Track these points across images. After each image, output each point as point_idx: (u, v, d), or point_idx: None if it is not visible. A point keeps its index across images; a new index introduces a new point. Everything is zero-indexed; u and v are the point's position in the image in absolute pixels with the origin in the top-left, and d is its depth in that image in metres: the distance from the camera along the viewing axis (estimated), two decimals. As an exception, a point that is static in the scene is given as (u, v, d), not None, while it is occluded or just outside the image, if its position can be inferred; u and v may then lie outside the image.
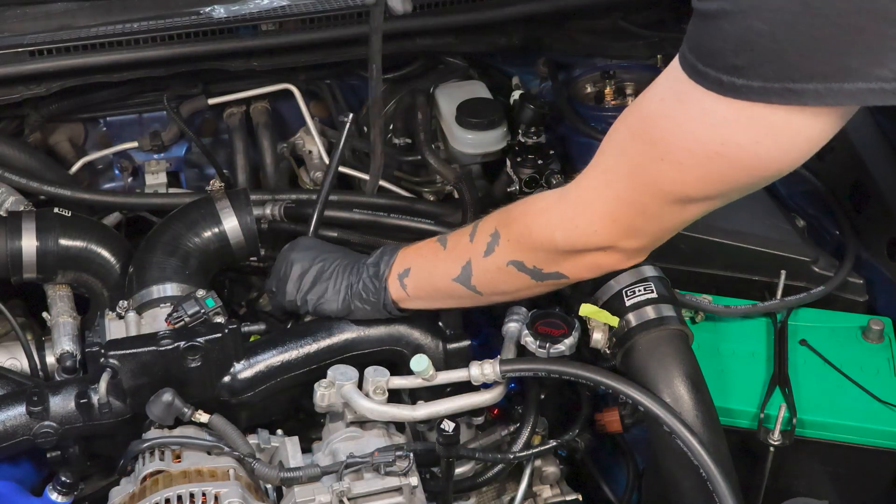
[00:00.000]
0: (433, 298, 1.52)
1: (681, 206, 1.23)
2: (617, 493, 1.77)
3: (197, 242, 1.75)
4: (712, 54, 1.07)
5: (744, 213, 1.86)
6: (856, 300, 1.78)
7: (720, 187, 1.19)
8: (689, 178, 1.18)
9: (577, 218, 1.29)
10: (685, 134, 1.14)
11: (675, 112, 1.14)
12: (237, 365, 1.55)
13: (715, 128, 1.11)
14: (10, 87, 1.95)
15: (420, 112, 2.13)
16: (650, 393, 1.40)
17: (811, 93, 1.03)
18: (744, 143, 1.10)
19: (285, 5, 2.02)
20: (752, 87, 1.05)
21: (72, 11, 2.03)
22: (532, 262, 1.37)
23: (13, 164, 1.96)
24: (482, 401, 1.50)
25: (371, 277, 1.52)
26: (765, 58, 1.04)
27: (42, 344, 1.74)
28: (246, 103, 2.19)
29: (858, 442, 1.53)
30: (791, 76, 1.03)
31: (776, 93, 1.05)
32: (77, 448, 1.56)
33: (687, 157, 1.15)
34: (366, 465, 1.40)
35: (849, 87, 1.02)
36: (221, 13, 1.99)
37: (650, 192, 1.22)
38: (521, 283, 1.41)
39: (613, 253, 1.32)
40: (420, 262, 1.50)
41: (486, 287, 1.44)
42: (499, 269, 1.40)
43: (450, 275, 1.45)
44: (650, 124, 1.18)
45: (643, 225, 1.27)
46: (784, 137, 1.09)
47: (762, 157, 1.12)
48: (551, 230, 1.32)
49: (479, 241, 1.41)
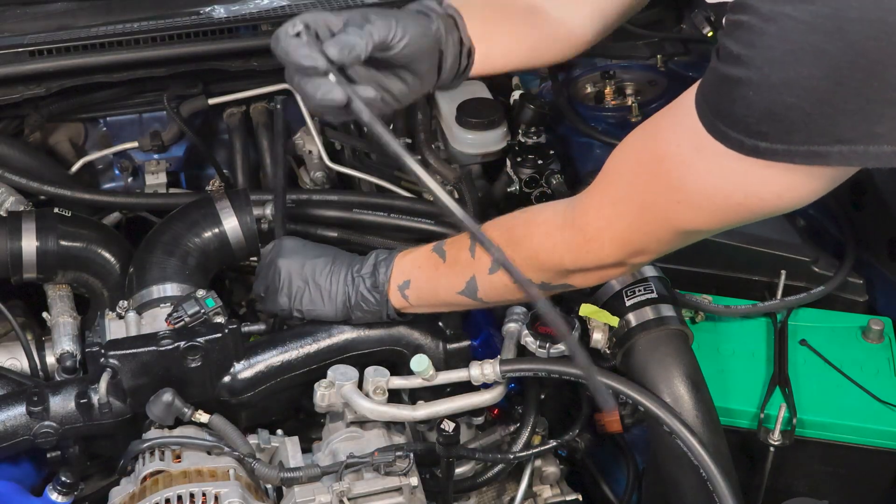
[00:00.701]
0: (436, 307, 1.52)
1: (691, 235, 1.24)
2: (617, 493, 1.77)
3: (197, 242, 1.75)
4: (735, 119, 1.06)
5: (744, 213, 1.86)
6: (856, 300, 1.78)
7: (733, 224, 1.20)
8: (704, 219, 1.18)
9: (588, 244, 1.28)
10: (705, 185, 1.13)
11: (693, 162, 1.13)
12: (237, 365, 1.55)
13: (736, 183, 1.11)
14: (10, 87, 1.95)
15: (420, 112, 2.13)
16: (650, 393, 1.40)
17: (835, 155, 1.03)
18: (765, 196, 1.11)
19: (285, 5, 2.02)
20: (776, 150, 1.05)
21: (72, 11, 2.03)
22: (540, 279, 1.35)
23: (13, 164, 1.96)
24: (482, 401, 1.50)
25: (370, 290, 1.50)
26: (792, 127, 1.03)
27: (42, 344, 1.74)
28: (246, 103, 2.19)
29: (858, 442, 1.53)
30: (817, 141, 1.03)
31: (801, 155, 1.04)
32: (77, 448, 1.56)
33: (705, 203, 1.15)
34: (366, 465, 1.40)
35: (874, 149, 1.02)
36: (221, 13, 1.99)
37: (662, 226, 1.22)
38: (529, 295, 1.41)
39: (621, 267, 1.32)
40: (420, 274, 1.48)
41: (492, 298, 1.44)
42: (506, 286, 1.39)
43: (454, 288, 1.44)
44: (667, 168, 1.16)
45: (653, 248, 1.27)
46: (805, 190, 1.10)
47: (781, 206, 1.13)
48: (560, 255, 1.31)
49: (483, 259, 1.40)
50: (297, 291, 1.55)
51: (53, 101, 2.07)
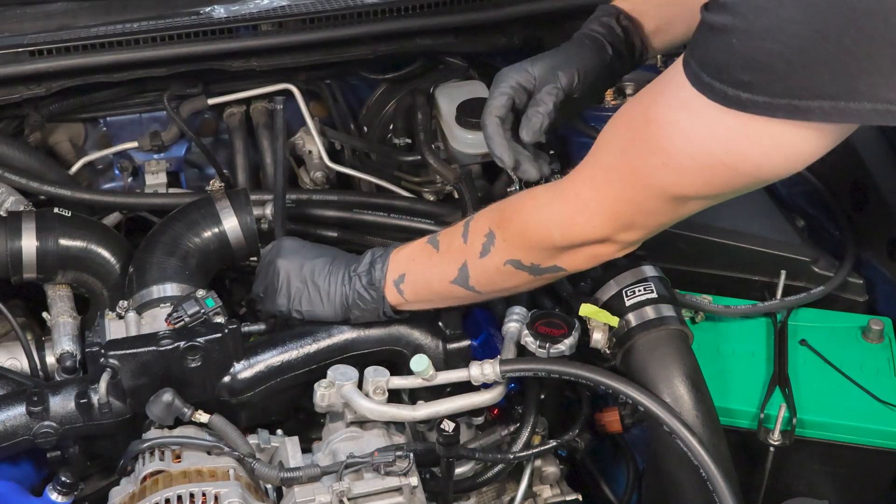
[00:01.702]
0: (432, 301, 1.52)
1: (679, 204, 1.24)
2: (617, 493, 1.77)
3: (197, 242, 1.75)
4: (719, 68, 1.07)
5: (744, 213, 1.87)
6: (856, 300, 1.78)
7: (720, 190, 1.20)
8: (690, 182, 1.18)
9: (576, 215, 1.29)
10: (690, 143, 1.14)
11: (679, 120, 1.14)
12: (237, 365, 1.55)
13: (720, 139, 1.11)
14: (10, 87, 1.95)
15: (420, 112, 2.13)
16: (650, 393, 1.40)
17: (816, 110, 1.04)
18: (749, 154, 1.11)
19: (285, 5, 2.02)
20: (758, 101, 1.06)
21: (72, 11, 2.03)
22: (530, 260, 1.37)
23: (13, 164, 1.96)
24: (482, 401, 1.50)
25: (366, 287, 1.50)
26: (773, 77, 1.04)
27: (42, 344, 1.74)
28: (246, 103, 2.19)
29: (858, 442, 1.53)
30: (798, 94, 1.04)
31: (781, 108, 1.05)
32: (77, 448, 1.56)
33: (690, 163, 1.15)
34: (366, 465, 1.40)
35: (855, 106, 1.03)
36: (221, 13, 1.99)
37: (651, 193, 1.22)
38: (520, 280, 1.41)
39: (610, 244, 1.32)
40: (414, 267, 1.48)
41: (484, 286, 1.44)
42: (497, 270, 1.40)
43: (447, 278, 1.44)
44: (654, 130, 1.18)
45: (641, 220, 1.28)
46: (789, 150, 1.10)
47: (765, 167, 1.13)
48: (549, 228, 1.32)
49: (474, 242, 1.41)
50: (296, 292, 1.55)
51: (53, 101, 2.07)
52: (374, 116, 2.24)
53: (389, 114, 2.20)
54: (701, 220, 1.79)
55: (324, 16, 2.02)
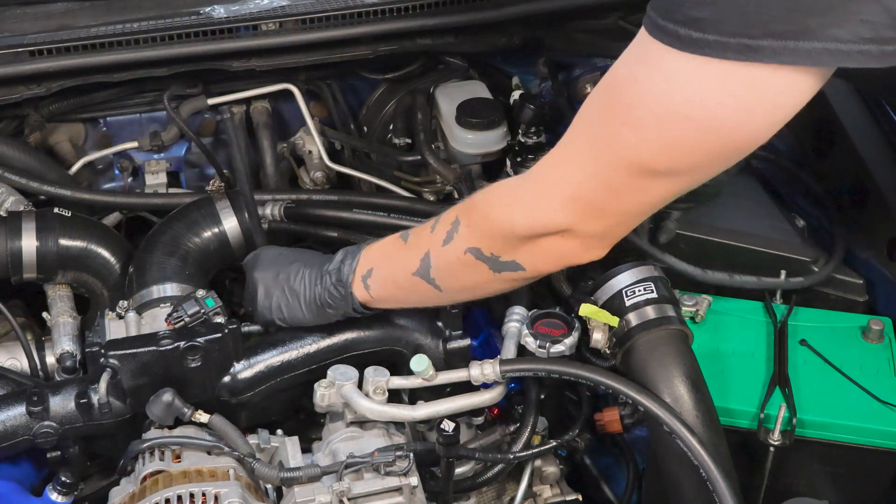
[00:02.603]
0: (396, 296, 1.49)
1: (644, 181, 1.18)
2: (617, 493, 1.77)
3: (197, 242, 1.75)
4: (672, 6, 1.06)
5: (744, 213, 1.87)
6: (856, 300, 1.78)
7: (685, 158, 1.15)
8: (652, 144, 1.14)
9: (539, 198, 1.25)
10: (647, 95, 1.11)
11: (637, 73, 1.12)
12: (237, 365, 1.55)
13: (677, 86, 1.09)
14: (10, 87, 1.95)
15: (420, 112, 2.13)
16: (650, 393, 1.40)
17: (766, 50, 1.02)
18: (706, 102, 1.08)
19: (285, 5, 2.02)
20: (709, 40, 1.04)
21: (72, 11, 2.03)
22: (490, 249, 1.32)
23: (13, 164, 1.96)
24: (482, 401, 1.50)
25: (335, 284, 1.49)
26: (725, 12, 1.03)
27: (42, 344, 1.74)
28: (246, 103, 2.19)
29: (858, 442, 1.53)
30: (748, 32, 1.02)
31: (732, 48, 1.03)
32: (77, 448, 1.56)
33: (650, 119, 1.12)
34: (366, 465, 1.40)
35: (804, 45, 1.02)
36: (221, 13, 1.99)
37: (613, 163, 1.18)
38: (479, 275, 1.36)
39: (572, 238, 1.27)
40: (382, 261, 1.47)
41: (444, 280, 1.40)
42: (457, 259, 1.36)
43: (409, 269, 1.41)
44: (614, 89, 1.16)
45: (605, 202, 1.22)
46: (747, 98, 1.07)
47: (726, 121, 1.09)
48: (511, 212, 1.28)
49: (440, 231, 1.38)
50: (275, 301, 1.55)
51: (53, 101, 2.07)
52: (374, 116, 2.24)
53: (389, 114, 2.20)
54: (701, 220, 1.80)
55: (324, 16, 2.02)
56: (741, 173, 1.99)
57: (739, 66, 1.05)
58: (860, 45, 1.02)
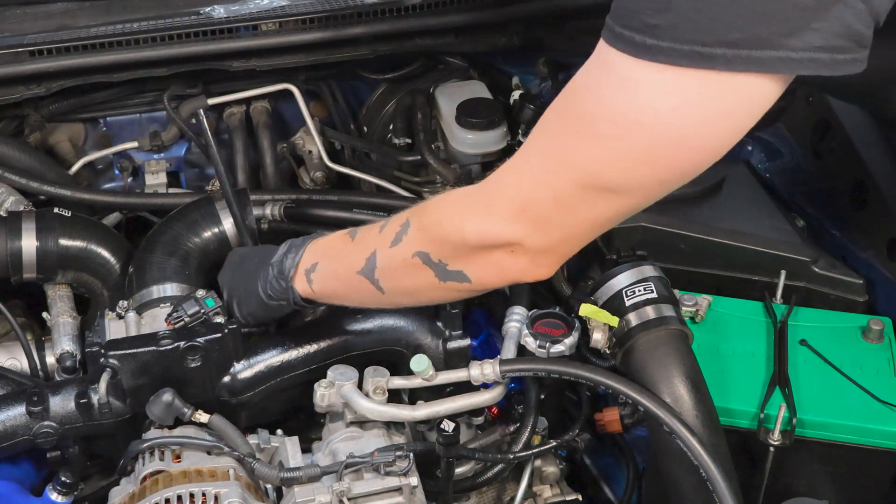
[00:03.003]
0: (337, 293, 1.46)
1: (595, 196, 1.17)
2: (617, 493, 1.77)
3: (197, 242, 1.75)
4: (629, 14, 1.07)
5: (744, 213, 1.87)
6: (856, 300, 1.78)
7: (638, 169, 1.13)
8: (608, 154, 1.12)
9: (491, 206, 1.24)
10: (602, 102, 1.11)
11: (595, 81, 1.12)
12: (237, 365, 1.55)
13: (631, 93, 1.08)
14: (10, 87, 1.95)
15: (420, 112, 2.13)
16: (650, 393, 1.40)
17: (719, 57, 1.03)
18: (661, 109, 1.08)
19: (285, 5, 2.02)
20: (662, 47, 1.04)
21: (72, 11, 2.03)
22: (438, 255, 1.30)
23: (13, 164, 1.96)
24: (482, 401, 1.50)
25: (276, 277, 1.47)
26: (679, 18, 1.03)
27: (42, 344, 1.74)
28: (246, 103, 2.19)
29: (858, 442, 1.53)
30: (702, 40, 1.03)
31: (685, 55, 1.04)
32: (77, 448, 1.56)
33: (607, 127, 1.11)
34: (366, 465, 1.40)
35: (757, 53, 1.02)
36: (221, 13, 1.99)
37: (565, 175, 1.16)
38: (424, 281, 1.34)
39: (519, 254, 1.24)
40: (327, 256, 1.45)
41: (388, 282, 1.38)
42: (404, 261, 1.34)
43: (354, 267, 1.39)
44: (571, 99, 1.16)
45: (555, 216, 1.20)
46: (701, 106, 1.07)
47: (681, 130, 1.09)
48: (462, 219, 1.26)
49: (389, 231, 1.36)
50: (239, 300, 1.55)
51: (53, 101, 2.07)
52: (374, 116, 2.24)
53: (389, 114, 2.20)
54: (701, 220, 1.80)
55: (324, 16, 2.02)
56: (741, 173, 1.99)
57: (693, 73, 1.05)
58: (811, 54, 1.03)
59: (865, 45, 1.05)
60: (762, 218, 1.87)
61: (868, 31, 1.05)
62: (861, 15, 1.03)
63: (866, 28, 1.04)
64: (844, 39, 1.03)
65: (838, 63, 1.04)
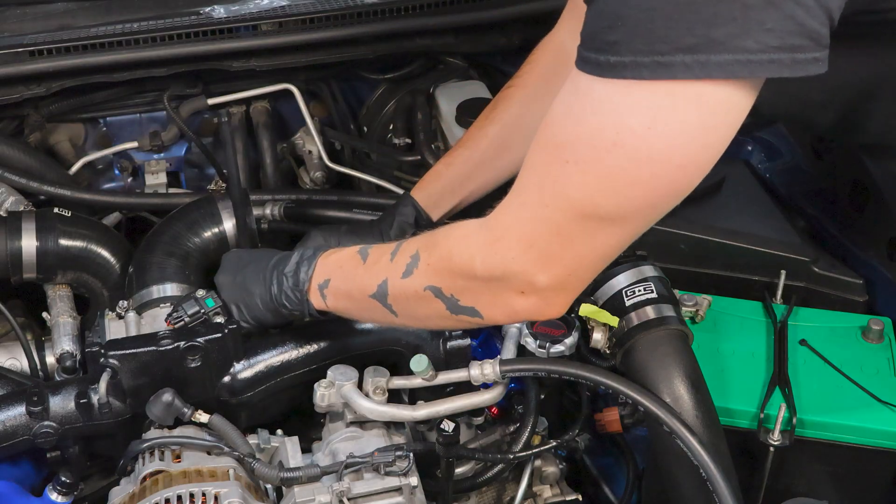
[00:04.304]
0: (351, 311, 1.48)
1: (592, 225, 1.17)
2: (617, 493, 1.77)
3: (197, 242, 1.75)
4: (591, 36, 1.08)
5: (744, 213, 1.87)
6: (856, 300, 1.78)
7: (626, 192, 1.13)
8: (593, 179, 1.13)
9: (496, 243, 1.24)
10: (581, 127, 1.11)
11: (571, 108, 1.13)
12: (237, 365, 1.55)
13: (607, 115, 1.09)
14: (10, 87, 1.96)
15: (420, 112, 2.13)
16: (650, 393, 1.40)
17: (679, 65, 1.03)
18: (636, 127, 1.07)
19: (285, 5, 2.03)
20: (625, 62, 1.05)
21: (72, 11, 2.03)
22: (450, 290, 1.31)
23: (13, 164, 1.96)
24: (482, 401, 1.50)
25: (291, 288, 1.48)
26: (634, 30, 1.04)
27: (42, 344, 1.74)
28: (246, 103, 2.20)
29: (858, 442, 1.53)
30: (659, 49, 1.03)
31: (646, 67, 1.04)
32: (77, 448, 1.56)
33: (587, 151, 1.11)
34: (366, 465, 1.40)
35: (716, 58, 1.02)
36: (221, 13, 2.00)
37: (559, 206, 1.17)
38: (436, 312, 1.34)
39: (530, 294, 1.24)
40: (340, 274, 1.45)
41: (400, 308, 1.39)
42: (416, 293, 1.35)
43: (366, 290, 1.40)
44: (552, 129, 1.16)
45: (557, 249, 1.20)
46: (676, 121, 1.07)
47: (659, 147, 1.08)
48: (471, 255, 1.27)
49: (399, 261, 1.36)
50: (242, 303, 1.55)
51: (53, 101, 2.07)
52: (374, 116, 2.24)
53: (389, 114, 2.21)
54: (701, 220, 1.80)
55: (324, 16, 2.02)
56: (741, 173, 1.99)
57: (660, 85, 1.05)
58: (770, 55, 1.02)
59: (824, 45, 1.05)
60: (762, 218, 1.87)
61: (824, 28, 1.04)
62: (812, 11, 1.03)
63: (821, 25, 1.04)
64: (801, 38, 1.03)
65: (798, 63, 1.04)
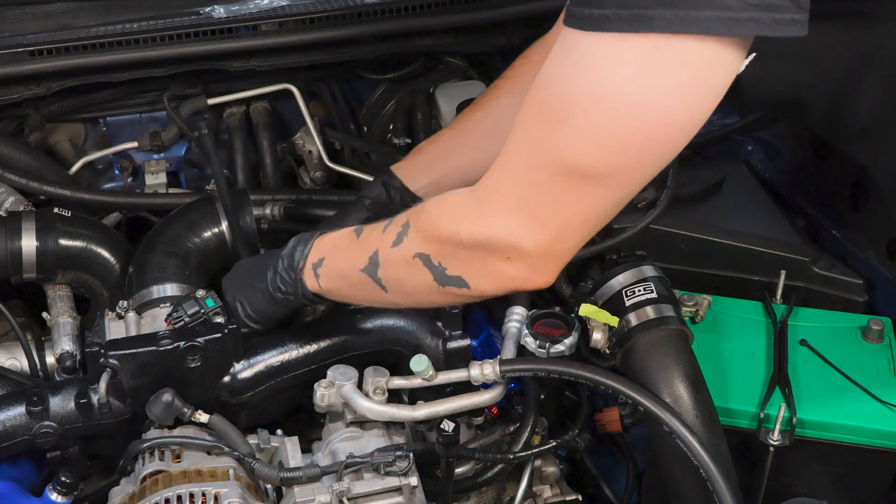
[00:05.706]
0: (343, 290, 1.48)
1: (580, 184, 1.17)
2: (617, 493, 1.77)
3: (197, 242, 1.75)
4: None
5: (744, 213, 1.87)
6: (856, 300, 1.78)
7: (613, 147, 1.13)
8: (576, 134, 1.13)
9: (482, 207, 1.25)
10: (565, 83, 1.12)
11: (558, 66, 1.13)
12: (237, 365, 1.55)
13: (590, 69, 1.09)
14: (10, 87, 1.95)
15: (420, 112, 2.13)
16: (650, 393, 1.40)
17: (659, 19, 1.03)
18: (618, 81, 1.08)
19: (285, 5, 2.02)
20: (607, 15, 1.05)
21: (72, 11, 2.03)
22: (437, 257, 1.32)
23: (13, 164, 1.96)
24: (482, 401, 1.50)
25: (286, 269, 1.49)
26: None
27: (42, 344, 1.74)
28: (246, 103, 2.19)
29: (858, 442, 1.53)
30: (641, 3, 1.04)
31: (627, 20, 1.05)
32: (77, 448, 1.56)
33: (570, 107, 1.12)
34: (366, 465, 1.40)
35: (696, 14, 1.03)
36: (221, 13, 1.99)
37: (546, 166, 1.17)
38: (424, 283, 1.35)
39: (516, 260, 1.25)
40: (333, 252, 1.47)
41: (390, 281, 1.39)
42: (405, 261, 1.35)
43: (358, 265, 1.41)
44: (539, 88, 1.16)
45: (542, 210, 1.20)
46: (658, 77, 1.07)
47: (643, 102, 1.09)
48: (458, 221, 1.28)
49: (391, 232, 1.37)
50: (245, 299, 1.56)
51: (53, 101, 2.07)
52: (374, 116, 2.24)
53: (389, 114, 2.21)
54: (701, 220, 1.80)
55: (324, 16, 2.02)
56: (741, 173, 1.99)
57: (642, 39, 1.05)
58: (749, 13, 1.03)
59: (804, 7, 1.05)
60: (762, 218, 1.87)
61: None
62: None
63: None
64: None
65: (778, 23, 1.04)
